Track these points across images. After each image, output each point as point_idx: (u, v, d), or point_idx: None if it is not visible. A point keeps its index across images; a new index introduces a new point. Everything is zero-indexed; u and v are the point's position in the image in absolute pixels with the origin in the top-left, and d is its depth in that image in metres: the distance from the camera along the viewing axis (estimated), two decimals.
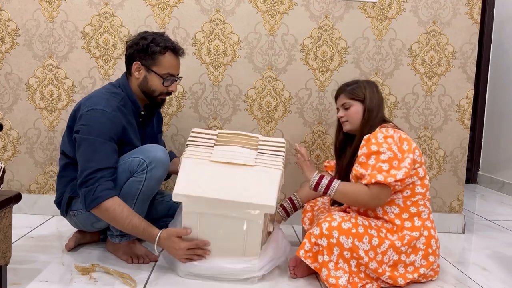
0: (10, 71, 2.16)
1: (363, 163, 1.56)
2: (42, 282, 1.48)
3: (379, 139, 1.55)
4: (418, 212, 1.60)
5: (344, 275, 1.48)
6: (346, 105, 1.70)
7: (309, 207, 1.87)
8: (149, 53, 1.65)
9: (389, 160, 1.52)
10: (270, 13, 2.15)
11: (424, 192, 1.62)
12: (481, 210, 2.82)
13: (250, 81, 2.18)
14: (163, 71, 1.68)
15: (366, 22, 2.17)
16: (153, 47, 1.65)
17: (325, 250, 1.49)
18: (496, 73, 3.52)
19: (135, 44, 1.68)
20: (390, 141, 1.54)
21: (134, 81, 1.71)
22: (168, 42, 1.68)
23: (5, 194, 1.30)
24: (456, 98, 2.23)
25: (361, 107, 1.67)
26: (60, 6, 2.13)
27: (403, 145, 1.56)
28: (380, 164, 1.52)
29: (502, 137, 3.44)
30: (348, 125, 1.70)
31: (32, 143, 2.20)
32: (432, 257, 1.59)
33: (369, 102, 1.66)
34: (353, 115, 1.68)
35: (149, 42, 1.65)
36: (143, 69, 1.68)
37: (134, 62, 1.68)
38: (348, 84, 1.73)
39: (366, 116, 1.65)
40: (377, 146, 1.54)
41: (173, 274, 1.59)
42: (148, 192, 1.63)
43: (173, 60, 1.70)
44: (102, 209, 1.52)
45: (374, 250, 1.50)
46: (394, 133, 1.57)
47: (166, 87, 1.71)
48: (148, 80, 1.69)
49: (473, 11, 2.18)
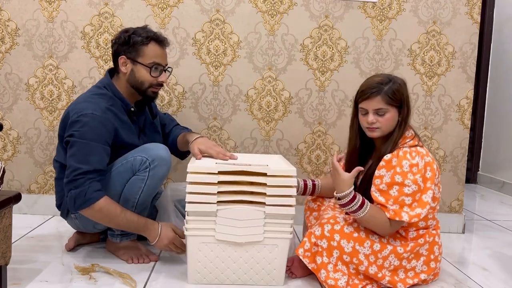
0: (10, 71, 2.16)
1: (384, 191, 1.45)
2: (42, 282, 1.48)
3: (404, 168, 1.43)
4: (426, 226, 1.57)
5: (343, 277, 1.47)
6: (381, 111, 1.47)
7: (315, 205, 1.82)
8: (131, 44, 1.65)
9: (412, 194, 1.43)
10: (270, 13, 2.15)
11: (435, 206, 1.57)
12: (481, 210, 2.82)
13: (250, 81, 2.18)
14: (149, 60, 1.66)
15: (366, 22, 2.17)
16: (135, 38, 1.65)
17: (325, 252, 1.49)
18: (496, 73, 3.52)
19: (118, 38, 1.68)
20: (415, 171, 1.43)
21: (122, 77, 1.70)
22: (150, 33, 1.68)
23: (5, 194, 1.30)
24: (456, 98, 2.23)
25: (397, 115, 1.50)
26: (60, 6, 2.13)
27: (427, 173, 1.46)
28: (403, 197, 1.43)
29: (502, 137, 3.44)
30: (379, 132, 1.51)
31: (32, 143, 2.20)
32: (434, 263, 1.57)
33: (406, 110, 1.49)
34: (389, 123, 1.49)
35: (131, 34, 1.66)
36: (129, 63, 1.67)
37: (119, 57, 1.67)
38: (383, 82, 1.48)
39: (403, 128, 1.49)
40: (402, 177, 1.42)
41: (173, 274, 1.59)
42: (150, 191, 1.63)
43: (157, 49, 1.68)
44: (96, 209, 1.52)
45: (375, 255, 1.48)
46: (419, 158, 1.45)
47: (154, 77, 1.68)
48: (135, 72, 1.67)
49: (473, 11, 2.18)
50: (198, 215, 1.49)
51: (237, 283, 1.53)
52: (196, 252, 1.50)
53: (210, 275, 1.52)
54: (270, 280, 1.53)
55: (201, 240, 1.50)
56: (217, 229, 1.49)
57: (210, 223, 1.49)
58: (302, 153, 2.24)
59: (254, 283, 1.53)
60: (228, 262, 1.51)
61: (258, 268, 1.52)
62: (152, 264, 1.68)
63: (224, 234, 1.49)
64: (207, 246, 1.50)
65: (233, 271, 1.52)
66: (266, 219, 1.49)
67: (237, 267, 1.52)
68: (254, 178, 1.48)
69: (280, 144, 2.23)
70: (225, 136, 2.21)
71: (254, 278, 1.53)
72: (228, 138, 2.21)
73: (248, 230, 1.48)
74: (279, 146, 2.23)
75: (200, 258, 1.51)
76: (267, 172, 1.47)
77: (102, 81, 1.72)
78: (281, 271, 1.53)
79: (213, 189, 1.47)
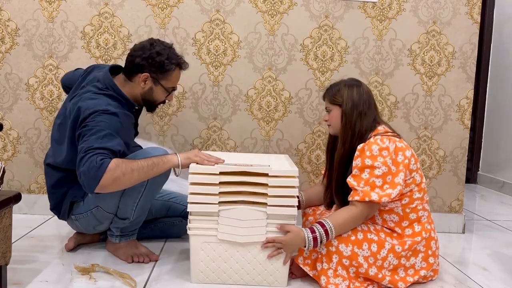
0: (10, 71, 2.16)
1: (356, 175, 1.51)
2: (42, 282, 1.48)
3: (373, 152, 1.49)
4: (417, 218, 1.58)
5: (343, 282, 1.48)
6: (328, 109, 1.66)
7: (311, 210, 1.83)
8: (163, 69, 1.64)
9: (383, 175, 1.48)
10: (270, 13, 2.15)
11: (422, 196, 1.59)
12: (481, 210, 2.82)
13: (250, 81, 2.18)
14: (170, 85, 1.70)
15: (366, 22, 2.17)
16: (169, 65, 1.64)
17: (324, 258, 1.49)
18: (496, 73, 3.52)
19: (150, 58, 1.62)
20: (385, 154, 1.49)
21: (135, 88, 1.67)
22: (179, 59, 1.69)
23: (5, 194, 1.30)
24: (456, 98, 2.23)
25: (340, 111, 1.62)
26: (60, 6, 2.13)
27: (398, 157, 1.50)
28: (373, 179, 1.48)
29: (502, 137, 3.44)
30: (331, 129, 1.67)
31: (32, 143, 2.20)
32: (432, 258, 1.58)
33: (346, 106, 1.59)
34: (334, 120, 1.63)
35: (165, 59, 1.63)
36: (149, 81, 1.66)
37: (142, 73, 1.64)
38: (330, 87, 1.68)
39: (344, 121, 1.59)
40: (372, 159, 1.49)
41: (173, 274, 1.59)
42: (149, 195, 1.63)
43: (179, 75, 1.73)
44: (113, 169, 1.40)
45: (374, 256, 1.49)
46: (390, 143, 1.51)
47: (166, 97, 1.74)
48: (154, 91, 1.68)
49: (473, 11, 2.18)
50: (200, 215, 1.49)
51: (239, 283, 1.53)
52: (198, 251, 1.51)
53: (212, 274, 1.53)
54: (273, 281, 1.53)
55: (204, 240, 1.50)
56: (219, 229, 1.49)
57: (213, 223, 1.50)
58: (302, 153, 2.24)
59: (256, 283, 1.53)
60: (230, 262, 1.52)
61: (260, 268, 1.52)
62: (152, 264, 1.68)
63: (226, 234, 1.49)
64: (209, 245, 1.51)
65: (236, 271, 1.52)
66: (268, 220, 1.49)
67: (240, 267, 1.52)
68: (256, 179, 1.48)
69: (280, 144, 2.23)
70: (225, 136, 2.21)
71: (257, 279, 1.53)
72: (228, 138, 2.21)
73: (250, 230, 1.49)
74: (279, 146, 2.23)
75: (203, 257, 1.51)
76: (269, 173, 1.48)
77: (104, 82, 1.65)
78: (284, 272, 1.53)
79: (214, 189, 1.47)
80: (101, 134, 1.46)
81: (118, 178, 1.42)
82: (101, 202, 1.62)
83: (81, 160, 1.42)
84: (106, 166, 1.39)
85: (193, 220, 1.51)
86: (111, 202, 1.62)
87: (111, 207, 1.63)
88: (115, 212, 1.65)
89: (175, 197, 1.93)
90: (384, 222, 1.58)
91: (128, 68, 1.67)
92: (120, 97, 1.65)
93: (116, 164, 1.42)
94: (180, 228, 1.89)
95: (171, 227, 1.92)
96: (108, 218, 1.67)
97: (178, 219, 1.91)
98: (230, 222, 1.49)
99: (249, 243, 1.50)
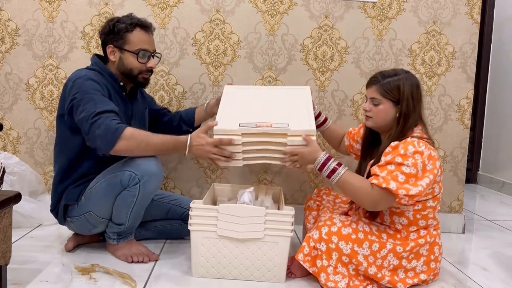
0: (10, 71, 2.16)
1: (382, 166, 1.45)
2: (42, 282, 1.48)
3: (408, 152, 1.42)
4: (426, 225, 1.56)
5: (343, 279, 1.47)
6: (375, 101, 1.53)
7: (315, 205, 1.83)
8: (116, 32, 1.68)
9: (408, 174, 1.41)
10: (270, 13, 2.15)
11: (435, 205, 1.56)
12: (481, 210, 2.82)
13: (250, 81, 2.18)
14: (135, 47, 1.69)
15: (366, 22, 2.17)
16: (119, 25, 1.68)
17: (324, 254, 1.49)
18: (496, 73, 3.52)
19: (103, 28, 1.72)
20: (417, 157, 1.42)
21: (112, 66, 1.73)
22: (134, 19, 1.71)
23: (5, 194, 1.30)
24: (456, 98, 2.23)
25: (393, 109, 1.52)
26: (60, 6, 2.13)
27: (428, 165, 1.44)
28: (398, 173, 1.41)
29: (502, 137, 3.44)
30: (371, 122, 1.57)
31: (32, 143, 2.20)
32: (434, 263, 1.57)
33: (406, 107, 1.49)
34: (380, 114, 1.53)
35: (115, 22, 1.69)
36: (116, 51, 1.70)
37: (107, 47, 1.71)
38: (385, 75, 1.53)
39: (402, 123, 1.49)
40: (403, 158, 1.42)
41: (173, 274, 1.59)
42: (143, 202, 1.64)
43: (142, 35, 1.71)
44: (128, 137, 1.51)
45: (374, 255, 1.48)
46: (425, 148, 1.44)
47: (143, 63, 1.71)
48: (123, 59, 1.70)
49: (473, 11, 2.18)
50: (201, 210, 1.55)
51: (239, 278, 1.56)
52: (199, 246, 1.55)
53: (212, 269, 1.56)
54: (271, 277, 1.56)
55: (204, 235, 1.55)
56: (218, 225, 1.53)
57: (212, 219, 1.54)
58: None
59: (255, 279, 1.56)
60: (229, 257, 1.55)
61: (259, 264, 1.55)
62: (152, 264, 1.68)
63: (225, 230, 1.53)
64: (209, 241, 1.55)
65: (235, 266, 1.55)
66: (267, 217, 1.52)
67: (239, 262, 1.55)
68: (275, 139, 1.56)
69: None
70: None
71: (256, 274, 1.55)
72: None
73: (248, 227, 1.52)
74: None
75: (203, 252, 1.55)
76: (287, 133, 1.54)
77: (92, 62, 1.75)
78: (282, 268, 1.56)
79: (238, 148, 1.56)
80: (94, 99, 1.55)
81: (132, 147, 1.53)
82: (93, 208, 1.63)
83: (94, 124, 1.51)
84: (122, 131, 1.50)
85: (193, 216, 1.54)
86: (104, 209, 1.63)
87: (104, 213, 1.64)
88: (108, 217, 1.66)
89: (176, 199, 1.93)
90: (392, 223, 1.56)
91: (103, 52, 1.75)
92: (103, 71, 1.70)
93: (131, 133, 1.51)
94: (180, 231, 1.89)
95: (171, 230, 1.91)
96: (103, 223, 1.67)
97: (178, 222, 1.90)
98: (230, 219, 1.52)
99: (248, 240, 1.53)
